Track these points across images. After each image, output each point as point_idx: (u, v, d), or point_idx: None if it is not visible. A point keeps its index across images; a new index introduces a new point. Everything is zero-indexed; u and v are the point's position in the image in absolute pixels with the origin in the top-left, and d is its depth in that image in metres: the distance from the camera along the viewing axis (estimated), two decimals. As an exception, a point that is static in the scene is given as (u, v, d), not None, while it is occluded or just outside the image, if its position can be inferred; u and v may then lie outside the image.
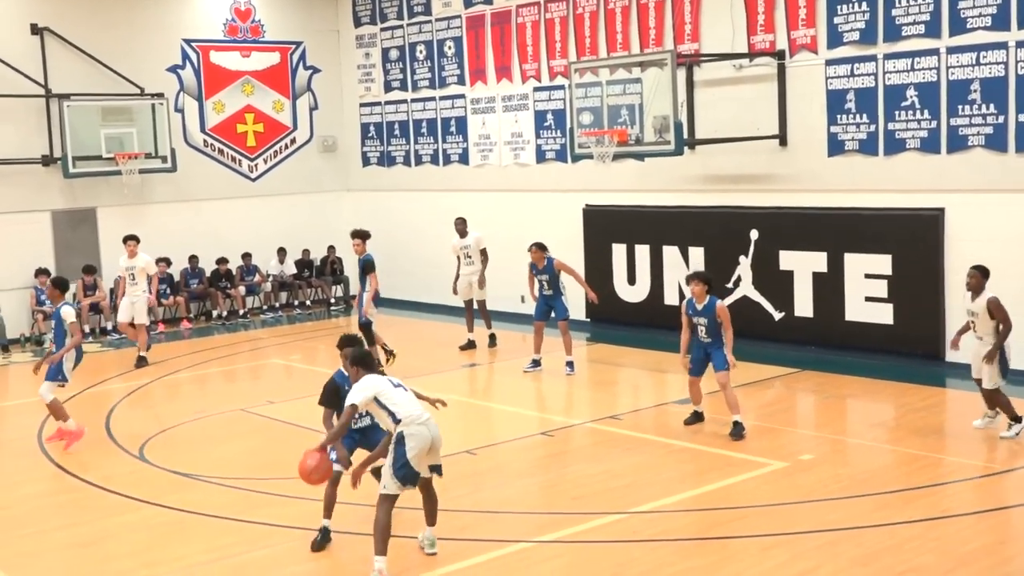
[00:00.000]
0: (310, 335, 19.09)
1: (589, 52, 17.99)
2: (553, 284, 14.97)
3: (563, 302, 14.97)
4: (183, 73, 21.26)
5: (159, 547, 8.85)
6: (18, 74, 19.23)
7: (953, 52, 13.81)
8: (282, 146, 22.57)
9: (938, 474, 10.09)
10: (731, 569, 7.93)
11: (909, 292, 14.46)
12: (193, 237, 21.02)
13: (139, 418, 13.37)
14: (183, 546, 8.84)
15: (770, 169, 15.88)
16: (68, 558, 8.81)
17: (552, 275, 14.97)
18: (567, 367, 14.78)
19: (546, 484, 10.21)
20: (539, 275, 15.03)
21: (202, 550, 8.68)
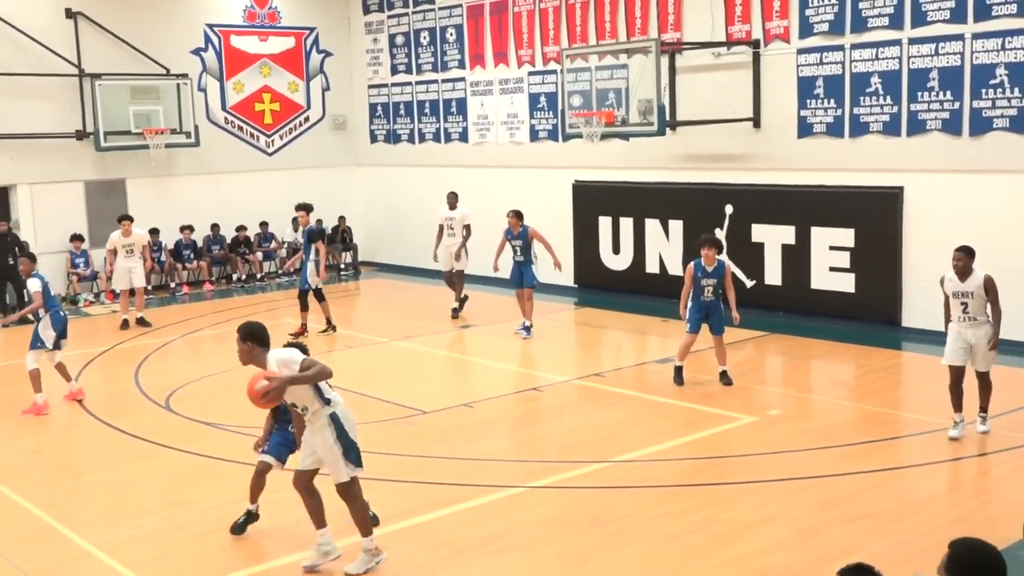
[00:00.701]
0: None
1: (580, 39, 17.87)
2: (525, 251, 14.80)
3: (532, 270, 14.79)
4: (206, 55, 21.10)
5: (184, 489, 8.87)
6: (54, 55, 19.07)
7: (914, 43, 13.74)
8: (296, 124, 22.44)
9: (894, 429, 10.13)
10: (706, 513, 7.96)
11: (870, 263, 14.46)
12: (215, 207, 20.95)
13: (165, 372, 13.38)
14: (206, 488, 8.87)
15: (744, 149, 15.83)
16: (102, 497, 8.84)
17: (525, 242, 14.80)
18: (524, 330, 14.65)
19: (536, 435, 10.24)
20: (513, 240, 14.88)
21: (223, 492, 8.70)
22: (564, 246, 18.32)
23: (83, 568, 7.31)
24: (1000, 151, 13.08)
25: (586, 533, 7.62)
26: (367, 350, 14.31)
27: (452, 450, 9.74)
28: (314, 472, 7.16)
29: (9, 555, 7.55)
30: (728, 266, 11.63)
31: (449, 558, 7.25)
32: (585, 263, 18.20)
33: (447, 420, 10.78)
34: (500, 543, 7.50)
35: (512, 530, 7.73)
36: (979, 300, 9.38)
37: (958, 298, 9.45)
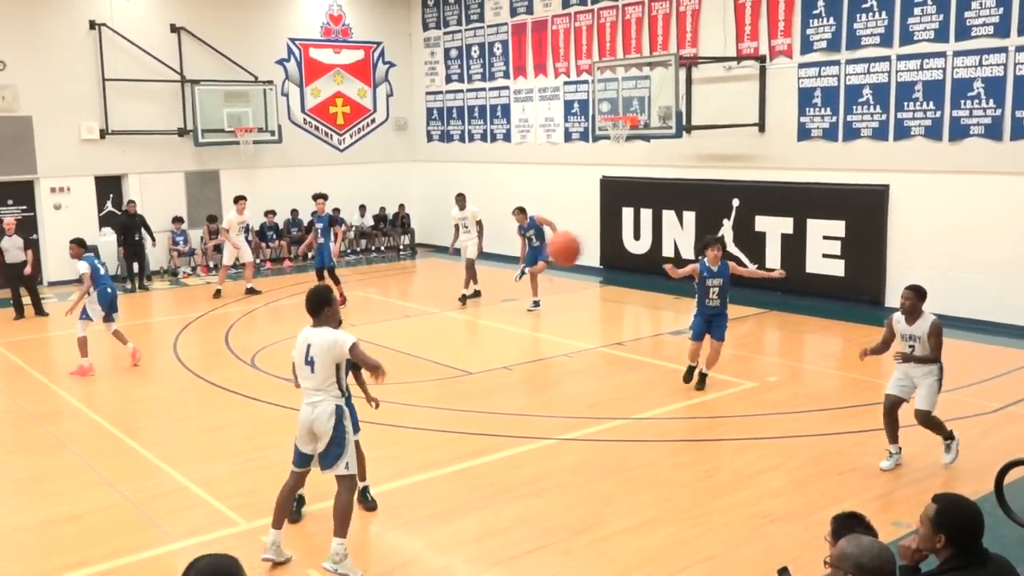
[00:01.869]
0: (384, 273, 19.14)
1: (609, 53, 17.71)
2: (539, 236, 14.45)
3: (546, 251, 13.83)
4: (288, 65, 21.15)
5: (267, 433, 8.95)
6: (161, 64, 19.21)
7: (902, 59, 13.47)
8: (364, 124, 22.46)
9: (877, 395, 9.94)
10: (711, 464, 7.92)
11: (858, 251, 14.26)
12: (294, 195, 21.02)
13: (251, 335, 13.49)
14: (286, 434, 8.88)
15: (750, 150, 15.63)
16: (197, 440, 8.94)
17: (536, 229, 14.46)
18: (534, 305, 14.47)
19: (566, 394, 10.23)
20: (526, 232, 14.49)
21: (300, 437, 8.76)
22: (592, 232, 18.25)
23: (180, 499, 7.41)
24: (975, 155, 12.82)
25: (608, 479, 7.60)
26: (422, 319, 14.36)
27: (494, 406, 9.75)
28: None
29: (120, 487, 7.67)
30: (733, 266, 10.22)
31: (491, 497, 7.27)
32: (609, 247, 18.10)
33: (490, 380, 10.79)
34: (534, 486, 7.50)
35: (544, 475, 7.73)
36: (925, 344, 7.66)
37: (905, 340, 7.76)
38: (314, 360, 6.07)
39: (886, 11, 13.59)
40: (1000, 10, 12.38)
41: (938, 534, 3.63)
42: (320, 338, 6.08)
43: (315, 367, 6.07)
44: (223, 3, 20.00)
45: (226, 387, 10.62)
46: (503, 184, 20.25)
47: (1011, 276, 12.49)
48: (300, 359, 6.16)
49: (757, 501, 7.09)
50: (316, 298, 6.27)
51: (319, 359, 6.05)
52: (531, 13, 19.38)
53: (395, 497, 7.31)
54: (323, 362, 6.04)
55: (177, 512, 7.13)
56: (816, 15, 14.45)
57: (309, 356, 6.11)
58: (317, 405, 6.10)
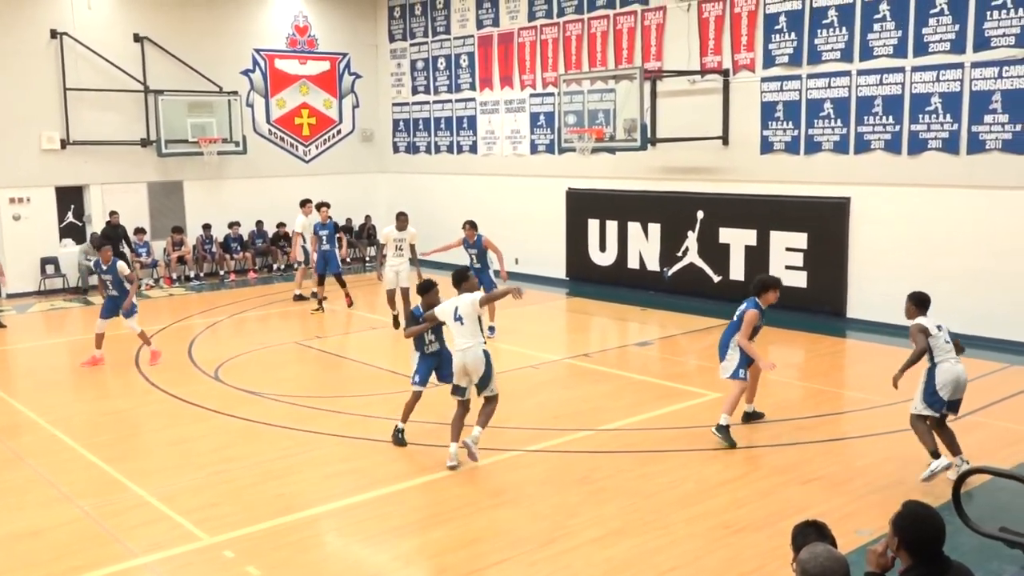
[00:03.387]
0: (350, 285, 18.97)
1: (575, 66, 17.81)
2: (481, 259, 13.41)
3: (490, 276, 13.32)
4: (253, 76, 21.03)
5: (231, 447, 8.86)
6: (123, 73, 19.01)
7: (862, 74, 13.70)
8: (330, 136, 22.38)
9: (839, 405, 10.12)
10: (677, 475, 7.95)
11: (820, 262, 14.43)
12: (259, 206, 20.90)
13: (215, 347, 13.35)
14: (252, 447, 8.86)
15: (714, 163, 15.79)
16: (163, 453, 8.82)
17: (480, 250, 13.44)
18: (489, 331, 13.09)
19: (533, 406, 10.23)
20: (469, 249, 13.49)
21: (267, 450, 8.70)
22: (558, 244, 18.33)
23: (142, 514, 7.30)
24: (933, 168, 13.05)
25: (574, 491, 7.61)
26: (388, 331, 14.29)
27: (460, 418, 9.72)
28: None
29: (80, 502, 7.55)
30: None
31: (457, 510, 7.24)
32: (576, 259, 18.18)
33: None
34: (500, 498, 7.49)
35: (511, 487, 7.73)
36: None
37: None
38: (462, 317, 8.24)
39: (846, 27, 13.81)
40: (956, 27, 12.64)
41: (894, 539, 3.70)
42: (464, 301, 8.32)
43: (464, 322, 8.24)
44: (187, 13, 19.86)
45: (189, 400, 10.49)
46: (469, 196, 20.26)
47: (969, 287, 12.71)
48: (450, 319, 8.30)
49: (722, 511, 7.13)
50: (457, 276, 8.70)
51: (466, 316, 8.25)
52: (497, 26, 19.46)
53: (361, 510, 7.26)
54: (469, 318, 8.25)
55: (139, 527, 7.02)
56: (778, 30, 14.65)
57: (457, 315, 8.27)
58: (468, 351, 8.21)
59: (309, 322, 15.48)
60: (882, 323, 13.61)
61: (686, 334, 13.80)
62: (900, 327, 12.77)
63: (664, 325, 14.57)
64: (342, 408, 10.05)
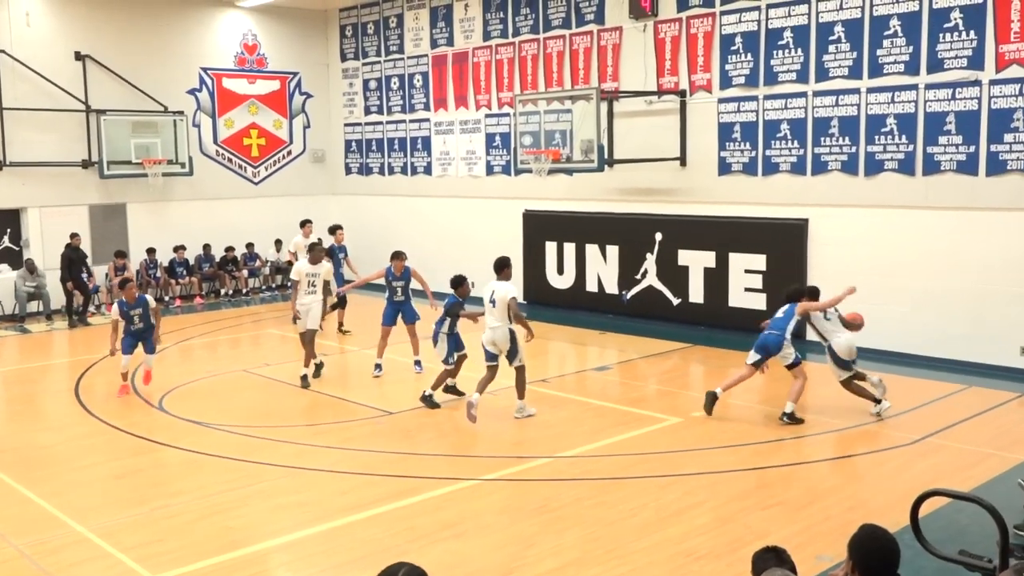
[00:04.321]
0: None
1: (531, 87, 17.95)
2: (405, 291, 13.03)
3: (412, 307, 13.01)
4: (200, 95, 20.89)
5: (175, 480, 8.72)
6: (64, 93, 18.77)
7: (818, 95, 13.97)
8: (280, 156, 22.27)
9: (799, 429, 10.22)
10: (636, 502, 7.97)
11: (779, 284, 14.50)
12: (206, 229, 20.70)
13: (159, 376, 13.14)
14: (197, 479, 8.72)
15: (672, 184, 15.97)
16: (105, 488, 8.65)
17: (407, 282, 13.02)
18: (416, 366, 13.09)
19: (490, 433, 10.21)
20: (395, 281, 12.94)
21: (213, 483, 8.57)
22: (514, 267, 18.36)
23: (81, 551, 7.14)
24: (889, 189, 13.33)
25: (532, 519, 7.60)
26: (340, 358, 14.19)
27: (415, 446, 9.68)
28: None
29: (15, 540, 7.36)
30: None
31: (411, 542, 7.19)
32: (533, 282, 18.23)
33: (411, 420, 10.72)
34: (456, 529, 7.45)
35: (467, 517, 7.69)
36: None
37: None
38: (495, 301, 10.21)
39: (802, 48, 14.10)
40: (910, 48, 12.98)
41: (849, 562, 3.75)
42: (501, 288, 10.29)
43: (495, 305, 10.19)
44: (131, 30, 19.69)
45: (132, 432, 10.31)
46: (424, 218, 20.27)
47: (925, 308, 12.98)
48: (486, 299, 10.33)
49: (682, 539, 7.16)
50: (500, 262, 10.59)
51: (499, 301, 10.19)
52: (452, 45, 19.56)
53: (311, 544, 7.17)
54: (500, 304, 10.21)
55: (77, 565, 6.87)
56: (734, 51, 14.91)
57: (492, 297, 10.28)
58: (496, 330, 10.31)
59: (257, 350, 15.32)
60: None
61: (645, 358, 13.88)
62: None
63: (623, 349, 14.64)
64: (291, 438, 9.94)
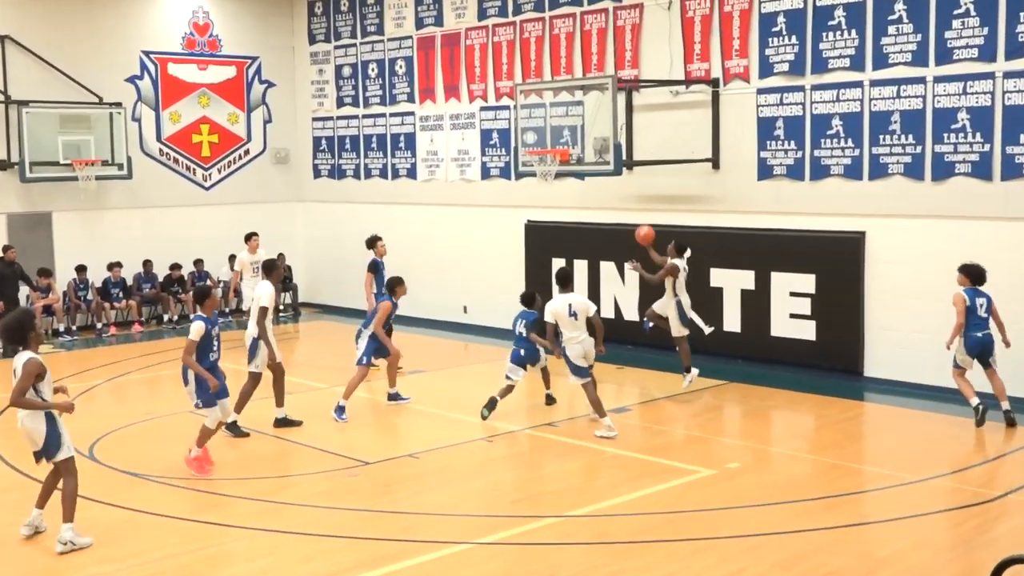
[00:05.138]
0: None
1: (534, 74, 18.03)
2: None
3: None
4: (141, 83, 20.99)
5: (110, 545, 8.65)
6: (-22, 80, 18.87)
7: (876, 85, 14.04)
8: (236, 157, 22.35)
9: (856, 483, 10.20)
10: (661, 571, 7.93)
11: (831, 310, 14.62)
12: (147, 243, 20.73)
13: (89, 418, 13.09)
14: (135, 543, 8.68)
15: (703, 191, 16.01)
16: (21, 553, 8.59)
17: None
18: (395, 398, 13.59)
19: (485, 488, 10.18)
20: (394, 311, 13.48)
21: (153, 547, 8.53)
22: (516, 288, 18.35)
23: (-4, 630, 7.10)
24: (961, 197, 13.36)
25: (536, 592, 7.56)
26: (306, 397, 14.17)
27: (396, 503, 9.64)
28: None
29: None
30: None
31: (391, 619, 7.16)
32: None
33: (391, 471, 10.68)
34: (445, 603, 7.41)
35: (458, 589, 7.66)
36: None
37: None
38: (576, 313, 11.82)
39: (856, 29, 14.18)
40: (984, 31, 13.04)
41: None
42: (578, 300, 12.07)
43: (577, 317, 11.82)
44: (60, 9, 19.81)
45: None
46: (407, 230, 20.29)
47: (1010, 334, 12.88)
48: (564, 314, 11.84)
49: (717, 615, 7.13)
50: (564, 275, 12.52)
51: (580, 312, 11.85)
52: (441, 25, 19.67)
53: None
54: (582, 314, 11.87)
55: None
56: (776, 33, 14.99)
57: (572, 311, 11.84)
58: (585, 341, 11.85)
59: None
60: (906, 383, 13.80)
61: (671, 398, 13.86)
62: (928, 387, 13.02)
63: (645, 387, 14.62)
64: (249, 493, 9.91)
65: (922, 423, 12.26)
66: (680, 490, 9.90)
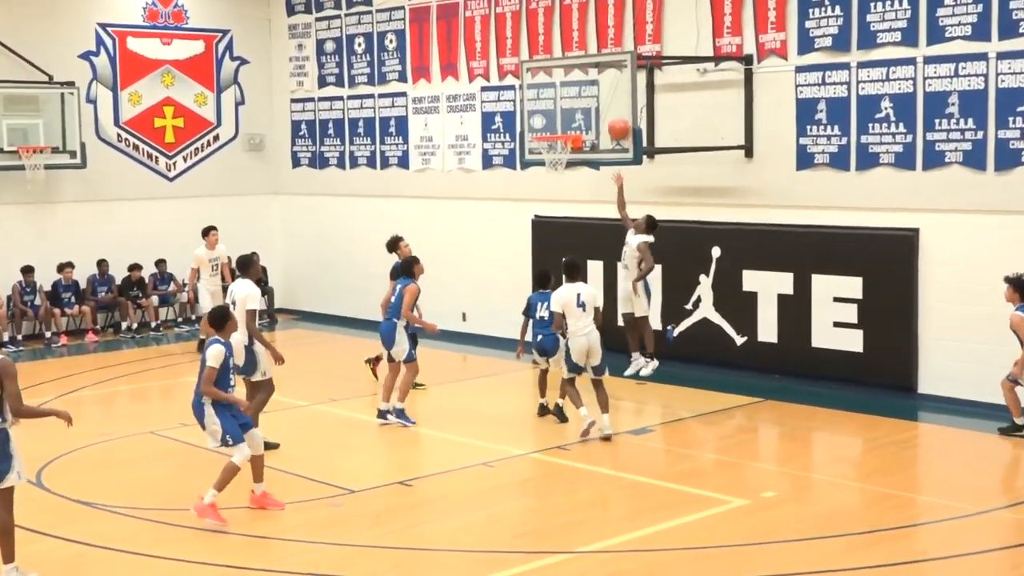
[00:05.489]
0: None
1: (542, 51, 18.02)
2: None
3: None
4: (97, 60, 21.00)
5: (57, 584, 8.66)
6: (-89, 56, 18.93)
7: (931, 62, 14.00)
8: (204, 143, 22.36)
9: (909, 515, 10.16)
10: (687, 615, 7.92)
11: (880, 318, 14.58)
12: (103, 240, 20.73)
13: (37, 440, 13.06)
14: (84, 583, 8.66)
15: (734, 182, 15.98)
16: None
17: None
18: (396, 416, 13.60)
19: (486, 520, 10.15)
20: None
21: (105, 588, 8.52)
22: (522, 292, 18.32)
23: None
24: (1030, 189, 13.33)
25: (545, 639, 7.55)
26: (283, 415, 14.16)
27: (384, 537, 9.61)
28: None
29: None
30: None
31: (379, 669, 7.14)
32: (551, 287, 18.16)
33: (379, 501, 10.66)
34: (441, 651, 7.40)
35: (456, 635, 7.64)
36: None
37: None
38: (585, 303, 12.57)
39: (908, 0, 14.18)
40: (1055, -1, 13.04)
41: None
42: (586, 289, 12.80)
43: (586, 308, 12.56)
44: (5, -26, 19.86)
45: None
46: (398, 226, 20.20)
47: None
48: (572, 305, 12.54)
49: (750, 665, 7.10)
50: (572, 264, 13.02)
51: (588, 303, 12.60)
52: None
53: None
54: (591, 304, 12.63)
55: None
56: (817, 3, 14.97)
57: (580, 301, 12.56)
58: (591, 334, 12.53)
59: (170, 404, 15.27)
60: (965, 401, 13.75)
61: (699, 417, 13.84)
62: (990, 406, 12.96)
63: (669, 405, 14.60)
64: (216, 525, 9.88)
65: (984, 446, 12.21)
66: (708, 523, 9.86)
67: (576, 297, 12.53)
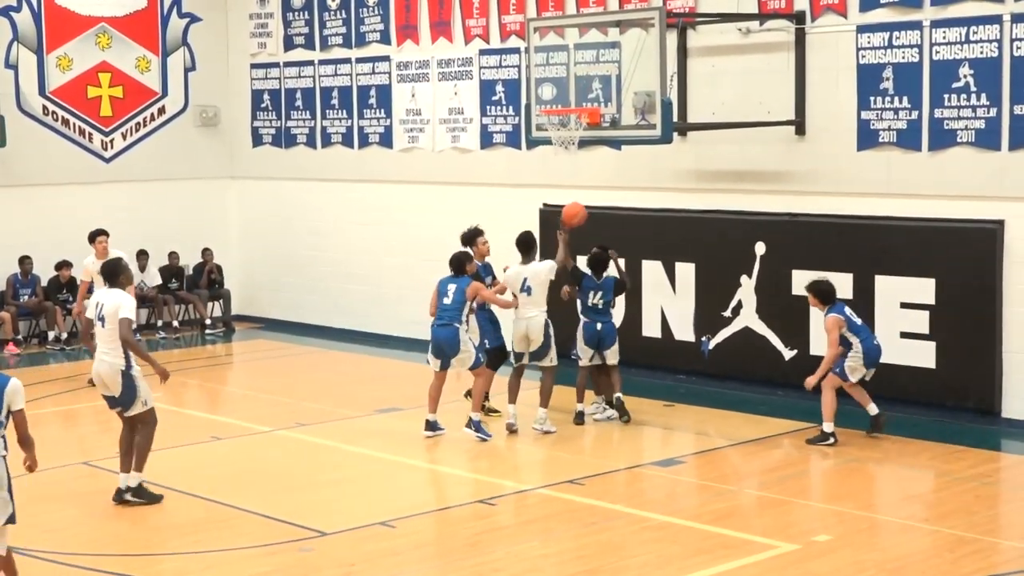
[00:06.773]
0: (177, 366, 18.87)
1: (553, 7, 18.03)
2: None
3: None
4: (18, 17, 21.06)
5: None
6: None
7: (1019, 20, 14.02)
8: (147, 117, 22.41)
9: (991, 563, 10.17)
10: None
11: (957, 328, 14.57)
12: (25, 234, 20.80)
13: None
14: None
15: (783, 165, 16.00)
16: None
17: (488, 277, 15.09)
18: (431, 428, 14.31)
19: (484, 568, 10.17)
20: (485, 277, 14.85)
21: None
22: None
23: None
24: None
25: None
26: (241, 443, 14.20)
27: (362, 588, 9.66)
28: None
29: None
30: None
31: None
32: (557, 320, 18.19)
33: (357, 545, 10.68)
34: None
35: None
36: None
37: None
38: (531, 288, 13.66)
39: (992, -55, 14.19)
40: None
41: None
42: (533, 271, 13.79)
43: (532, 292, 13.68)
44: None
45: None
46: (380, 216, 20.34)
47: None
48: (517, 286, 13.83)
49: None
50: (523, 242, 14.27)
51: (536, 287, 13.71)
52: (426, -62, 19.74)
53: None
54: (539, 288, 13.75)
55: None
56: (883, -51, 15.01)
57: (526, 285, 13.69)
58: (532, 320, 13.76)
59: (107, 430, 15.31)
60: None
61: (738, 446, 13.86)
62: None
63: (703, 431, 14.62)
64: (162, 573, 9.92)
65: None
66: (750, 572, 9.88)
67: (522, 280, 13.72)
